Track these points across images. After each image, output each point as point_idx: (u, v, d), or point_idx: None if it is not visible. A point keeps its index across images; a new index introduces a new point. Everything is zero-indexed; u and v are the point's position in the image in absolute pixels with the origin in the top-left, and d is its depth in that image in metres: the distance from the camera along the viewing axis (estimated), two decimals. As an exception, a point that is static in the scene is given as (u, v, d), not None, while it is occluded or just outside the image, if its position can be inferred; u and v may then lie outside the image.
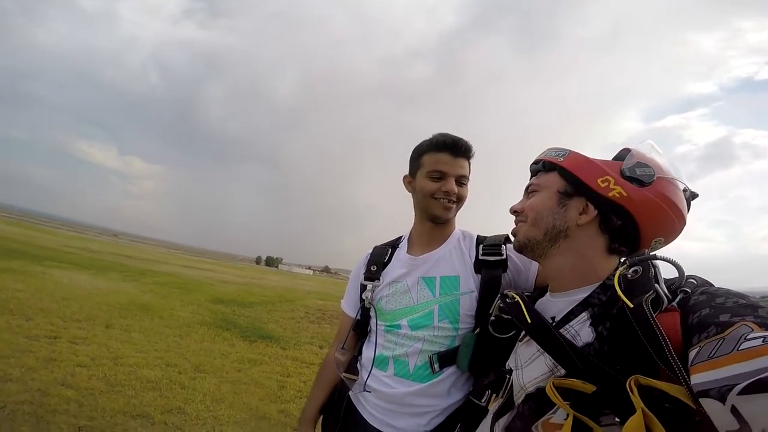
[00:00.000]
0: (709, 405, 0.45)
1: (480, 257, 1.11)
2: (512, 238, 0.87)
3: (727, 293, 0.57)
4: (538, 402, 0.67)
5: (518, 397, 0.75)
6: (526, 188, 0.86)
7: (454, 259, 1.13)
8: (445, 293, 1.09)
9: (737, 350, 0.46)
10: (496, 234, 1.16)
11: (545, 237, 0.78)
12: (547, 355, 0.68)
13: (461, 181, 1.13)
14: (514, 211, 0.86)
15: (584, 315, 0.69)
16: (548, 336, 0.68)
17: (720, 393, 0.44)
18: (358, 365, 1.19)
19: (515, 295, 0.80)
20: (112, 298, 7.41)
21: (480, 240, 1.16)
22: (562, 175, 0.78)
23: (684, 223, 0.74)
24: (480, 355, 0.97)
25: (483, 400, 0.86)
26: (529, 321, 0.72)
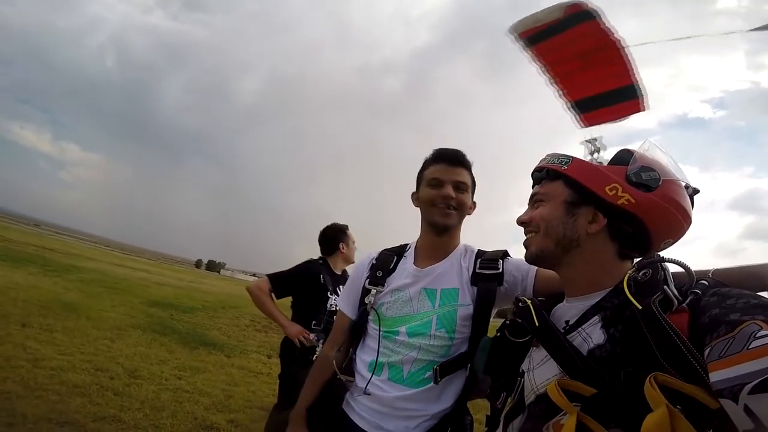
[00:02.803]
0: (725, 405, 0.46)
1: (477, 270, 1.15)
2: (525, 250, 0.85)
3: (739, 294, 0.57)
4: (549, 403, 0.67)
5: (528, 398, 0.76)
6: (531, 197, 0.85)
7: (454, 273, 1.17)
8: (444, 304, 1.12)
9: (747, 349, 0.47)
10: (496, 249, 1.20)
11: (557, 247, 0.78)
12: None
13: (460, 187, 1.16)
14: (521, 222, 0.85)
15: (596, 318, 0.70)
16: (553, 339, 0.70)
17: (732, 392, 0.45)
18: (353, 367, 1.20)
19: (527, 300, 0.80)
20: (30, 293, 6.59)
21: (480, 254, 1.20)
22: (567, 184, 0.78)
23: (690, 222, 0.74)
24: (496, 359, 0.96)
25: (498, 402, 0.86)
26: (537, 324, 0.74)
